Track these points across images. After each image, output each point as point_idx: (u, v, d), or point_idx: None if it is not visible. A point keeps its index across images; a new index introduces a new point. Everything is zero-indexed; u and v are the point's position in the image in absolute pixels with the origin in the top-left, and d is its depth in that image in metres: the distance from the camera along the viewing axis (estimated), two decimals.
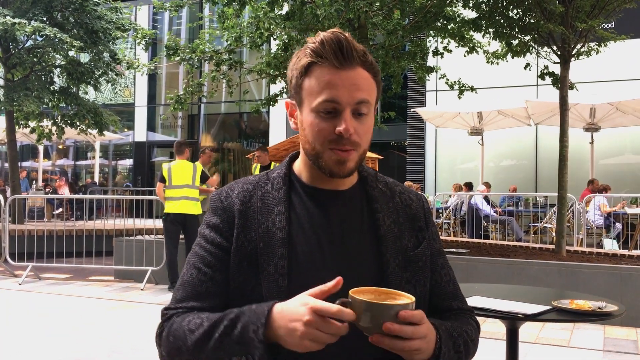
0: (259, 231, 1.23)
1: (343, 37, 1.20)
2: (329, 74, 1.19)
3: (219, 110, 20.96)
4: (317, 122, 1.20)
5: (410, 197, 1.36)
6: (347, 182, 1.30)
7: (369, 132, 1.24)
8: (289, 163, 1.35)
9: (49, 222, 11.42)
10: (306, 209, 1.27)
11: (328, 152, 1.20)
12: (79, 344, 4.91)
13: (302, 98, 1.24)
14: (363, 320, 1.03)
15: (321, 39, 1.20)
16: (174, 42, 8.27)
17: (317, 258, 1.22)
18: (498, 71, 9.56)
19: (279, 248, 1.21)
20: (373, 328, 1.03)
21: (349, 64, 1.19)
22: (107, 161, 22.47)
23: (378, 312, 1.03)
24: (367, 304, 1.03)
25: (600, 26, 7.08)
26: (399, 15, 6.67)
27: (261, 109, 8.97)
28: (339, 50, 1.18)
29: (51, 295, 7.11)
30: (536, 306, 2.39)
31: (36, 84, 12.19)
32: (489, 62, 8.37)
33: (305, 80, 1.22)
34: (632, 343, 5.09)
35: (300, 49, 1.25)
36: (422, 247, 1.31)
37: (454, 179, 14.39)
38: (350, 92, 1.18)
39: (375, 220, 1.28)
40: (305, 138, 1.24)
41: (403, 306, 1.04)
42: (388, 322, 1.02)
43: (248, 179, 1.33)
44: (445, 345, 1.16)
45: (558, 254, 6.82)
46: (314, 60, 1.20)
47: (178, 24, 20.95)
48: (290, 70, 1.26)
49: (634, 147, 13.86)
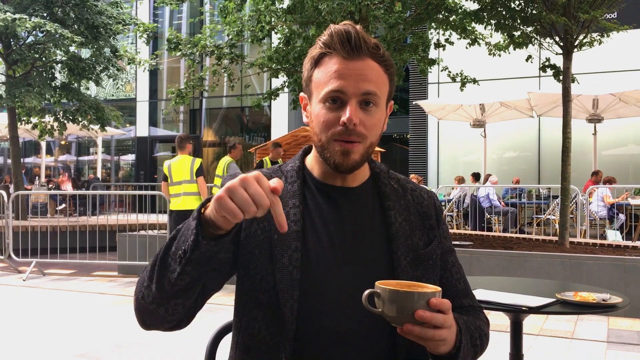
0: (273, 222, 1.19)
1: (353, 29, 1.20)
2: (336, 63, 1.19)
3: (220, 105, 20.94)
4: (324, 112, 1.20)
5: (421, 194, 1.36)
6: (358, 179, 1.29)
7: (377, 126, 1.22)
8: (302, 157, 1.34)
9: (53, 218, 11.47)
10: (317, 204, 1.26)
11: (332, 144, 1.19)
12: (84, 339, 4.93)
13: (312, 90, 1.24)
14: (391, 310, 1.04)
15: (331, 31, 1.21)
16: (176, 36, 8.27)
17: (328, 254, 1.21)
18: (500, 63, 9.53)
19: (294, 241, 1.20)
20: (401, 318, 1.04)
21: (357, 54, 1.19)
22: (109, 157, 22.49)
23: (407, 301, 1.03)
24: (396, 293, 1.03)
25: (603, 17, 7.04)
26: (400, 7, 6.65)
27: (262, 103, 8.96)
28: (347, 41, 1.18)
29: (55, 291, 7.13)
30: (540, 299, 2.39)
31: (37, 80, 12.18)
32: (491, 54, 8.34)
33: (314, 72, 1.23)
34: (636, 334, 5.09)
35: (313, 45, 1.26)
36: (432, 245, 1.30)
37: (456, 172, 14.38)
38: (357, 83, 1.18)
39: (386, 217, 1.27)
40: (313, 130, 1.24)
41: (432, 294, 1.04)
42: (420, 310, 1.02)
43: (262, 171, 1.32)
44: (465, 338, 1.16)
45: (561, 245, 6.81)
46: (324, 52, 1.21)
47: (179, 18, 20.90)
48: (304, 64, 1.26)
49: (636, 138, 13.82)
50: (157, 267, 1.09)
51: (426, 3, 7.35)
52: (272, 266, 1.18)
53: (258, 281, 1.20)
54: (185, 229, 1.07)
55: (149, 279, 1.11)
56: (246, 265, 1.21)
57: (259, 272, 1.20)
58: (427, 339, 1.05)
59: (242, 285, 1.23)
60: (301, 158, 1.33)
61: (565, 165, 6.91)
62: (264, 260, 1.19)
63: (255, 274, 1.20)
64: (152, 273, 1.11)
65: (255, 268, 1.20)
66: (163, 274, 1.09)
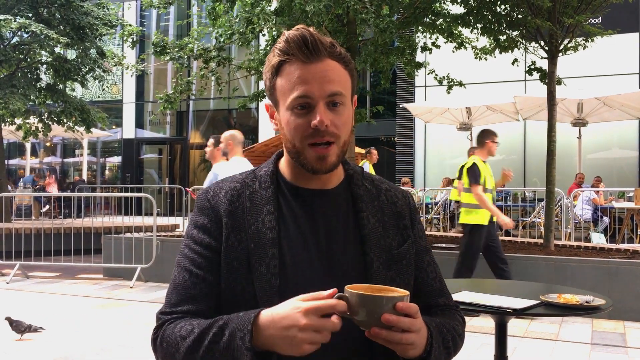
0: (249, 232, 1.22)
1: (307, 32, 1.20)
2: (297, 69, 1.20)
3: (208, 107, 20.87)
4: (293, 119, 1.20)
5: (396, 194, 1.36)
6: (333, 181, 1.30)
7: (347, 123, 1.23)
8: (275, 161, 1.34)
9: (37, 220, 11.36)
10: (291, 209, 1.26)
11: (308, 149, 1.20)
12: (68, 342, 4.88)
13: (277, 98, 1.24)
14: (360, 314, 1.05)
15: (286, 37, 1.21)
16: (162, 39, 8.22)
17: (304, 258, 1.22)
18: (486, 67, 9.59)
19: (270, 248, 1.20)
20: (369, 322, 1.05)
21: (316, 57, 1.20)
22: (95, 158, 22.32)
23: (375, 305, 1.04)
24: (364, 297, 1.04)
25: (587, 21, 7.13)
26: (387, 10, 6.67)
27: (249, 104, 8.95)
28: (304, 45, 1.19)
29: (39, 293, 7.06)
30: (524, 301, 2.40)
31: (22, 81, 12.07)
32: (477, 57, 8.39)
33: (277, 80, 1.23)
34: (619, 336, 5.14)
35: (270, 52, 1.26)
36: (406, 245, 1.31)
37: (443, 174, 14.44)
38: (321, 85, 1.19)
39: (359, 219, 1.28)
40: (285, 137, 1.24)
41: (399, 298, 1.05)
42: (387, 313, 1.03)
43: (235, 177, 1.32)
44: (436, 342, 1.17)
45: (546, 248, 6.87)
46: (282, 59, 1.21)
47: (166, 20, 20.82)
48: (264, 73, 1.27)
49: (621, 142, 13.97)
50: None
51: (413, 7, 7.39)
52: (250, 276, 1.19)
53: (239, 292, 1.20)
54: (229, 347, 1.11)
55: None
56: (226, 277, 1.21)
57: (239, 283, 1.20)
58: (395, 343, 1.06)
59: (224, 297, 1.23)
60: (275, 162, 1.33)
61: (550, 169, 6.97)
62: (243, 271, 1.20)
63: (235, 285, 1.20)
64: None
65: (235, 280, 1.20)
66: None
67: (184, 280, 1.24)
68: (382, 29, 6.58)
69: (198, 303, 1.21)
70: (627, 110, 11.51)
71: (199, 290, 1.22)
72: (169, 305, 1.24)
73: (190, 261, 1.24)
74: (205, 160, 20.68)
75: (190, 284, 1.23)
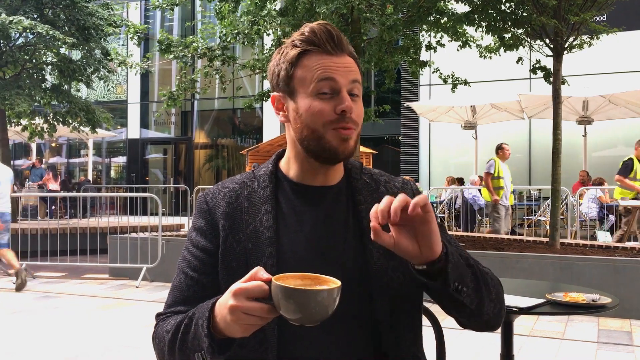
0: (246, 232, 1.23)
1: (331, 27, 1.24)
2: (321, 59, 1.23)
3: (212, 107, 20.89)
4: (317, 103, 1.22)
5: (395, 185, 1.37)
6: (335, 177, 1.31)
7: (362, 115, 1.27)
8: (275, 161, 1.35)
9: (43, 220, 11.40)
10: (292, 207, 1.27)
11: (330, 132, 1.22)
12: (74, 342, 4.90)
13: (295, 87, 1.25)
14: (284, 309, 0.96)
15: (311, 28, 1.24)
16: (167, 37, 8.23)
17: (305, 255, 1.22)
18: (491, 65, 9.56)
19: (268, 247, 1.21)
20: (296, 317, 0.96)
21: (340, 51, 1.24)
22: (100, 159, 22.39)
23: (302, 297, 0.94)
24: (285, 289, 0.95)
25: (593, 19, 7.09)
26: (392, 10, 6.66)
27: (254, 104, 8.95)
28: (331, 39, 1.23)
29: (45, 293, 7.08)
30: (530, 299, 2.40)
31: (28, 81, 12.12)
32: (482, 56, 8.36)
33: (297, 71, 1.24)
34: (626, 334, 5.12)
35: (283, 46, 1.28)
36: None
37: (447, 173, 14.43)
38: (345, 74, 1.23)
39: (358, 212, 1.29)
40: (302, 125, 1.24)
41: (328, 291, 0.96)
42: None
43: (235, 178, 1.34)
44: (452, 254, 1.13)
45: (552, 246, 6.84)
46: (306, 49, 1.23)
47: (170, 20, 20.85)
48: (276, 64, 1.28)
49: (626, 140, 13.89)
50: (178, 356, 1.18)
51: (418, 6, 7.37)
52: None
53: None
54: (197, 336, 1.12)
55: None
56: (225, 278, 1.23)
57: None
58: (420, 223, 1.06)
59: None
60: (274, 162, 1.34)
61: (556, 167, 6.94)
62: (241, 272, 1.19)
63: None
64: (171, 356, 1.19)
65: (234, 280, 1.19)
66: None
67: (180, 282, 1.27)
68: (388, 27, 6.57)
69: (191, 304, 1.23)
70: (633, 108, 11.46)
71: (192, 292, 1.25)
72: (165, 307, 1.29)
73: (187, 263, 1.27)
74: (210, 159, 20.76)
75: (185, 286, 1.26)
